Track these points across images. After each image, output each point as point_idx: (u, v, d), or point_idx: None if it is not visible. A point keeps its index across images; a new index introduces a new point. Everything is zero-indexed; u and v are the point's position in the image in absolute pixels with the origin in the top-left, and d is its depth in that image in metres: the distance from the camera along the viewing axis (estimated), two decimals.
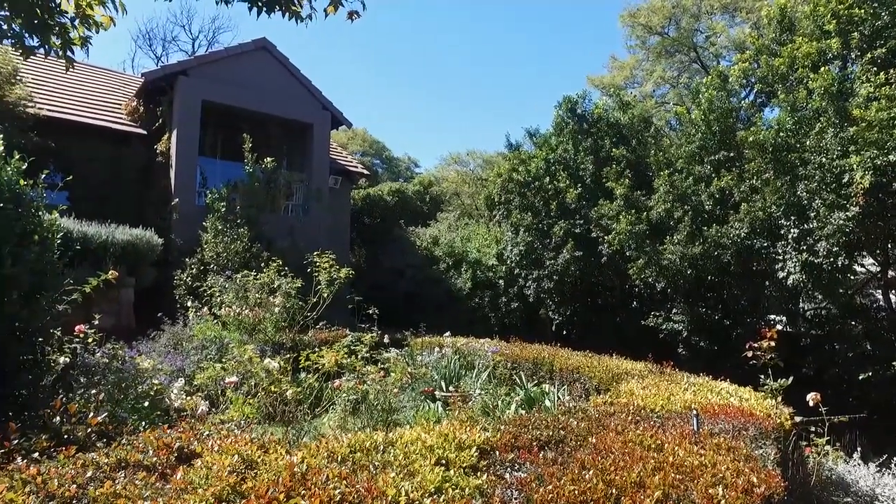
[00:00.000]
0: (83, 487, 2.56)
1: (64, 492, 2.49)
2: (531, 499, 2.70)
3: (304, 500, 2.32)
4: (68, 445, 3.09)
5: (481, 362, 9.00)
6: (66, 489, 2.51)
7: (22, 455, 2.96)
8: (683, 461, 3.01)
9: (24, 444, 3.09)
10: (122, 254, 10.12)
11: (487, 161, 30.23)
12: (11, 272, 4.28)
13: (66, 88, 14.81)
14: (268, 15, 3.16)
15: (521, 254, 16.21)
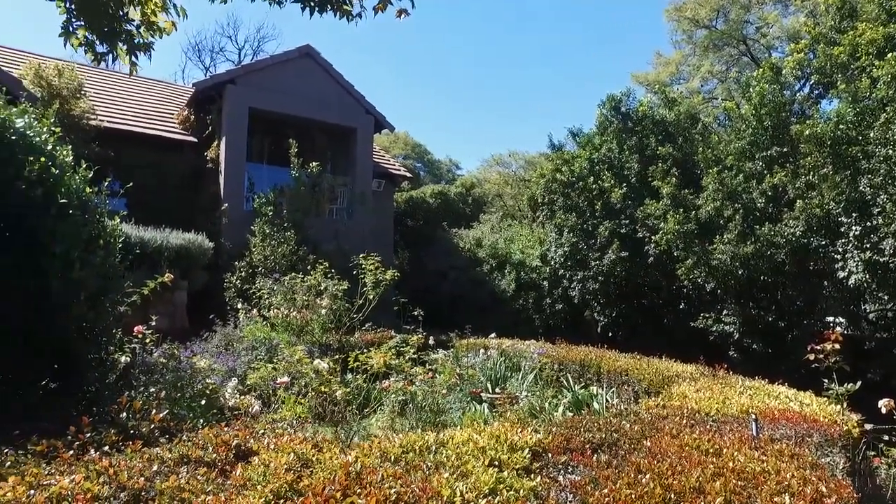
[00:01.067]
0: (150, 480, 2.65)
1: (133, 484, 2.59)
2: (586, 502, 2.66)
3: (360, 499, 2.34)
4: (134, 440, 3.22)
5: (527, 364, 8.93)
6: (136, 481, 2.61)
7: (94, 447, 3.10)
8: (744, 467, 2.91)
9: (96, 437, 3.23)
10: (175, 257, 10.48)
11: (530, 162, 30.02)
12: (80, 275, 4.48)
13: (124, 100, 15.46)
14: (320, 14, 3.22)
15: (566, 255, 16.03)
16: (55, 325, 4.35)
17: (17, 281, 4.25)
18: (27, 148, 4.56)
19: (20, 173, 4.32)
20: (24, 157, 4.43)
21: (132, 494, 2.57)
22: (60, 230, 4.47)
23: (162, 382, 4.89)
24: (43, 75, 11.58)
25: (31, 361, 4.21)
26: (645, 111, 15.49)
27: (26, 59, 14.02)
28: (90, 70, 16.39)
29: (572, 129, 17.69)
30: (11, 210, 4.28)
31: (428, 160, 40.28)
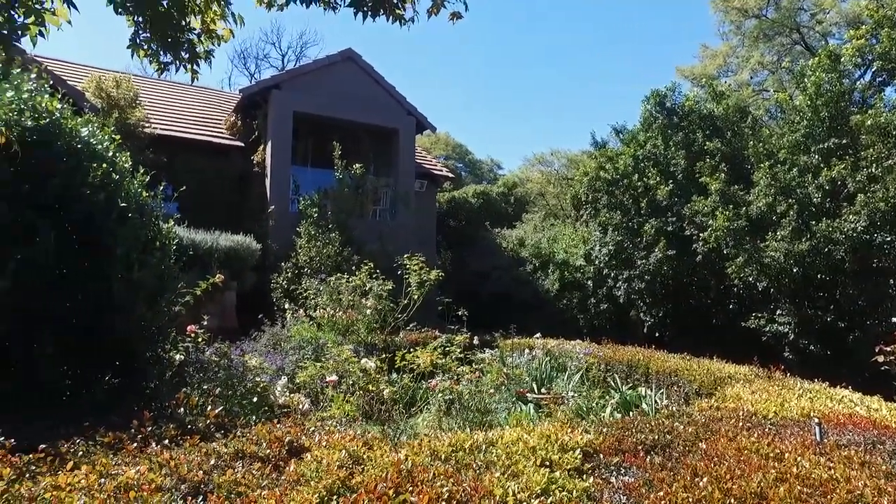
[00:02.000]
0: (208, 473, 2.73)
1: (193, 476, 2.67)
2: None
3: (412, 497, 2.35)
4: (192, 435, 3.32)
5: (573, 364, 8.81)
6: (195, 474, 2.69)
7: (155, 441, 3.22)
8: (810, 473, 2.78)
9: (156, 431, 3.35)
10: (225, 259, 10.79)
11: (572, 160, 29.62)
12: (139, 276, 4.66)
13: (175, 108, 16.01)
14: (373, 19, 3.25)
15: (610, 253, 15.75)
16: (117, 325, 4.53)
17: (84, 282, 4.44)
18: (91, 155, 4.77)
19: (85, 179, 4.52)
20: (88, 164, 4.64)
21: (192, 486, 2.65)
22: (121, 233, 4.65)
23: (215, 380, 5.02)
24: (103, 87, 12.12)
25: (97, 359, 4.40)
26: (691, 106, 15.08)
27: (88, 72, 14.69)
28: (144, 80, 17.06)
29: (616, 126, 17.40)
30: (78, 214, 4.48)
31: (469, 160, 40.27)
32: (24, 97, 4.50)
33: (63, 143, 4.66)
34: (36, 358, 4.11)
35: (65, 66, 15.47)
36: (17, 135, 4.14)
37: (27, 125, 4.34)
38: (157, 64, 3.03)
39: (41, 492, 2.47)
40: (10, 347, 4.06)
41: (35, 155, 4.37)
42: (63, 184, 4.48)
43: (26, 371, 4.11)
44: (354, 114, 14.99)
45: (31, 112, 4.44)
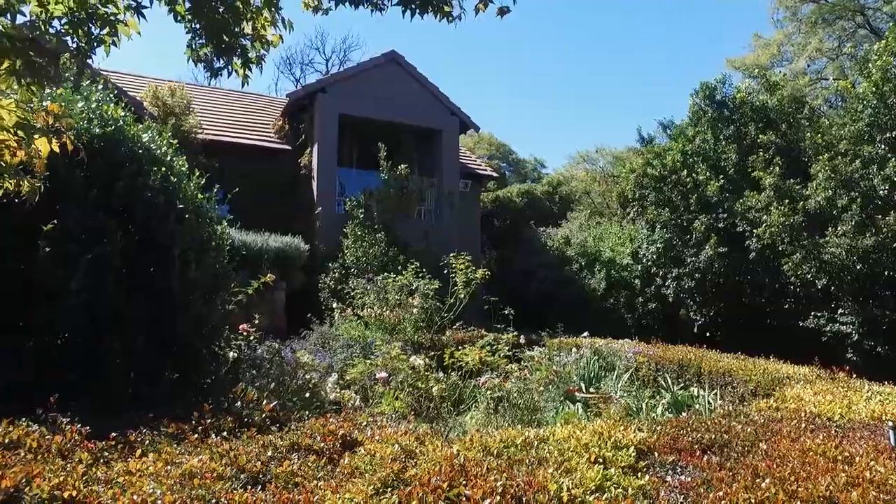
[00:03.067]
0: (266, 464, 2.82)
1: (251, 467, 2.76)
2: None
3: (466, 490, 2.36)
4: (249, 427, 3.43)
5: (621, 364, 8.66)
6: (253, 465, 2.78)
7: (214, 432, 3.34)
8: (885, 479, 2.65)
9: (215, 423, 3.48)
10: (274, 260, 11.06)
11: (617, 157, 29.08)
12: (196, 275, 4.84)
13: (225, 114, 16.53)
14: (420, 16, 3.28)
15: (659, 252, 15.39)
16: (176, 322, 4.71)
17: (146, 281, 4.64)
18: (151, 160, 4.99)
19: (146, 183, 4.72)
20: (149, 168, 4.85)
21: (250, 476, 2.74)
22: (179, 233, 4.84)
23: (268, 376, 5.16)
24: (159, 96, 12.63)
25: (159, 355, 4.58)
26: (743, 98, 14.58)
27: (144, 82, 15.33)
28: (195, 88, 17.68)
29: (663, 121, 17.09)
30: (140, 216, 4.69)
31: (512, 160, 40.08)
32: (93, 107, 4.75)
33: (126, 149, 4.88)
34: (103, 353, 4.32)
35: (123, 77, 16.18)
36: (86, 142, 4.36)
37: (95, 132, 4.58)
38: (210, 69, 3.14)
39: (115, 476, 2.61)
40: (80, 342, 4.28)
41: (102, 160, 4.60)
42: (127, 187, 4.70)
43: (94, 365, 4.32)
44: (398, 115, 15.13)
45: (98, 120, 4.68)
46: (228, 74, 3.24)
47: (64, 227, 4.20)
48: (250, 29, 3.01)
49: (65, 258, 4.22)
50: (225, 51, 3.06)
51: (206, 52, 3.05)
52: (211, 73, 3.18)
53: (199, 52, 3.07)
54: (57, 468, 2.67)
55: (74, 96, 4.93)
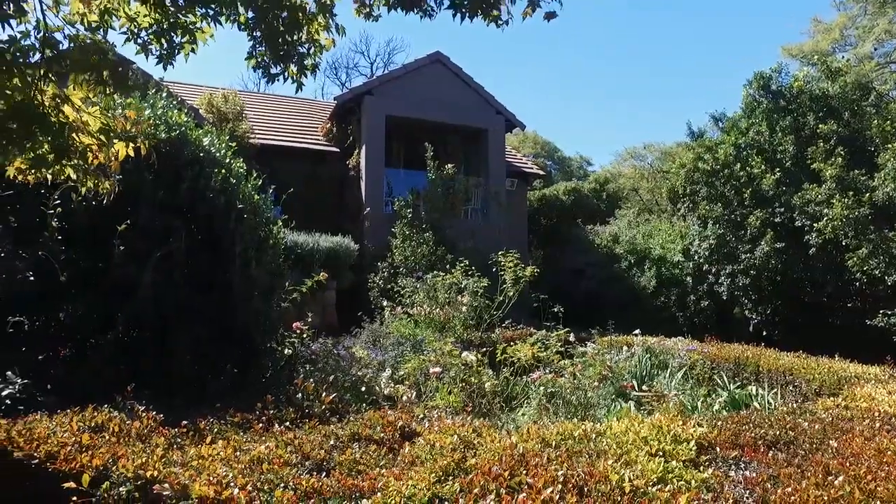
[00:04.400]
0: (329, 452, 2.91)
1: (315, 455, 2.86)
2: (767, 500, 2.48)
3: (528, 478, 2.38)
4: (310, 418, 3.55)
5: (675, 362, 8.48)
6: (317, 453, 2.87)
7: (277, 422, 3.47)
8: None
9: (277, 414, 3.61)
10: (325, 259, 11.32)
11: (666, 153, 28.35)
12: (255, 273, 5.02)
13: (275, 119, 17.00)
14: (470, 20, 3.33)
15: (711, 248, 14.95)
16: (237, 317, 4.91)
17: (208, 278, 4.85)
18: (212, 162, 5.20)
19: (208, 184, 4.93)
20: (210, 170, 5.06)
21: (315, 464, 2.83)
22: (238, 232, 5.03)
23: (324, 371, 5.29)
24: (213, 103, 13.12)
25: (221, 349, 4.78)
26: (801, 86, 14.00)
27: (199, 90, 15.92)
28: (246, 94, 18.25)
29: (714, 114, 16.52)
30: (202, 215, 4.90)
31: (558, 157, 39.65)
32: (158, 113, 4.99)
33: (189, 152, 5.11)
34: (171, 346, 4.53)
35: (180, 86, 16.86)
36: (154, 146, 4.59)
37: (161, 137, 4.81)
38: (268, 75, 3.29)
39: (189, 459, 2.75)
40: (150, 336, 4.50)
41: (167, 163, 4.83)
42: (190, 188, 4.92)
43: (162, 357, 4.54)
44: (444, 115, 15.22)
45: (164, 126, 4.91)
46: (284, 80, 3.37)
47: (135, 227, 4.43)
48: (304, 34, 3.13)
49: (136, 256, 4.45)
50: (282, 57, 3.19)
51: (265, 58, 3.19)
52: (269, 78, 3.32)
53: (259, 59, 3.21)
54: (138, 450, 2.83)
55: (142, 104, 5.19)
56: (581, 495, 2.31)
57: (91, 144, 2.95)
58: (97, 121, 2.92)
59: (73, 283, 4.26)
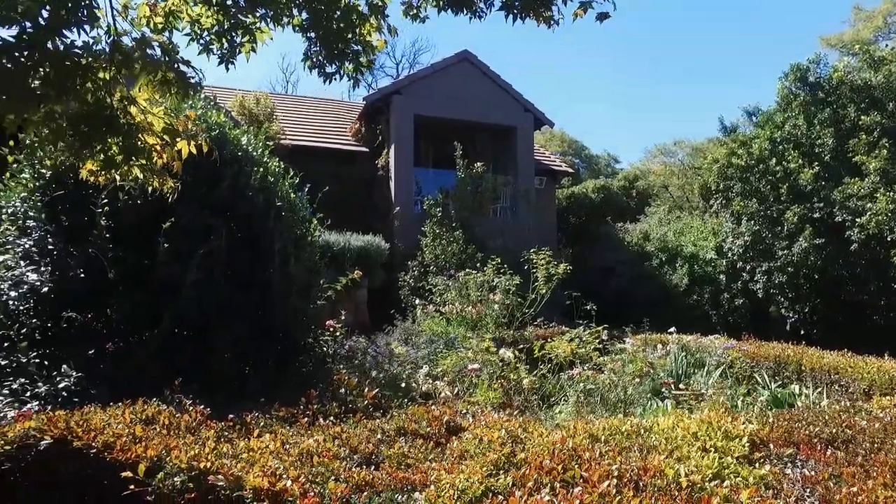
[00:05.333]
0: (377, 446, 2.92)
1: (363, 448, 2.87)
2: (830, 500, 2.40)
3: (582, 472, 2.35)
4: (354, 413, 3.56)
5: (711, 360, 8.32)
6: (365, 446, 2.88)
7: (322, 417, 3.49)
8: None
9: (321, 409, 3.64)
10: (356, 258, 11.39)
11: (697, 149, 27.86)
12: (294, 270, 5.07)
13: (304, 120, 17.19)
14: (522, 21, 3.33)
15: (746, 245, 14.63)
16: (276, 313, 4.96)
17: (248, 275, 4.91)
18: (250, 161, 5.27)
19: (248, 183, 5.00)
20: (249, 169, 5.13)
21: (363, 457, 2.84)
22: (278, 229, 5.09)
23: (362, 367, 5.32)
24: (245, 105, 13.32)
25: (261, 344, 4.84)
26: (841, 77, 13.59)
27: (231, 93, 16.18)
28: (276, 96, 18.48)
29: (747, 109, 16.21)
30: (241, 213, 4.97)
31: (585, 156, 39.28)
32: (199, 113, 5.07)
33: (228, 152, 5.18)
34: (213, 341, 4.61)
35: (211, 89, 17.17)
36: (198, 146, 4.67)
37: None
38: (323, 74, 3.34)
39: (239, 452, 2.78)
40: (193, 331, 4.58)
41: (208, 163, 4.91)
42: (230, 187, 4.99)
43: (205, 352, 4.61)
44: (472, 113, 15.20)
45: (204, 126, 4.99)
46: (340, 78, 3.41)
47: (178, 225, 4.51)
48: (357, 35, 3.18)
49: (179, 254, 4.53)
50: (337, 56, 3.24)
51: (320, 58, 3.24)
52: (324, 77, 3.37)
53: (314, 59, 3.26)
54: (190, 442, 2.88)
55: (181, 105, 5.28)
56: (637, 490, 2.27)
57: (155, 144, 3.04)
58: (160, 121, 3.00)
59: (120, 281, 4.37)
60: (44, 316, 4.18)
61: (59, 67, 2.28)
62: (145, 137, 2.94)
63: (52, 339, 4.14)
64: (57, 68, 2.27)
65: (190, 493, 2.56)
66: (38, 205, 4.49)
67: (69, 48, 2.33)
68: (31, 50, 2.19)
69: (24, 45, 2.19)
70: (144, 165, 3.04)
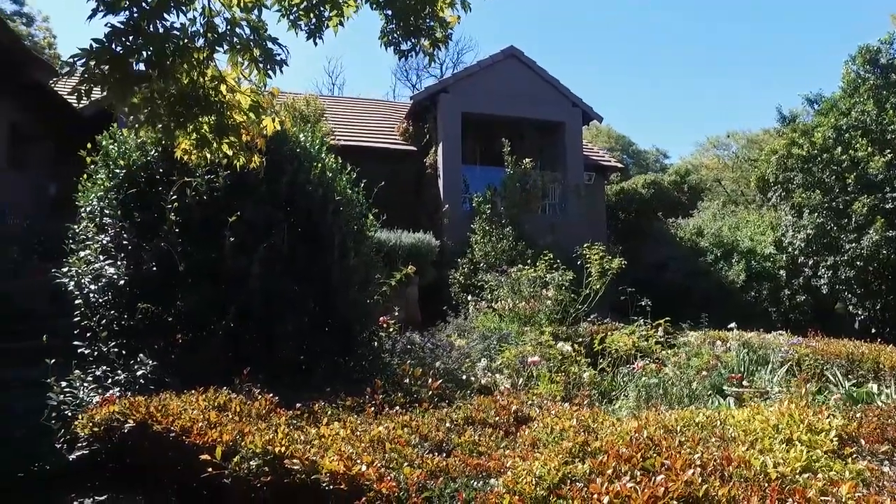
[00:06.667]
0: (447, 434, 2.91)
1: (433, 436, 2.86)
2: None
3: (663, 460, 2.28)
4: (419, 403, 3.57)
5: (775, 357, 7.99)
6: (435, 434, 2.88)
7: (388, 406, 3.51)
8: None
9: (386, 399, 3.66)
10: (407, 255, 11.45)
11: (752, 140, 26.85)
12: (353, 263, 5.13)
13: (352, 120, 17.43)
14: None
15: (808, 238, 14.01)
16: (337, 305, 5.03)
17: (308, 268, 5.00)
18: (308, 157, 5.37)
19: (307, 178, 5.09)
20: (308, 165, 5.22)
21: (434, 444, 2.84)
22: (337, 223, 5.16)
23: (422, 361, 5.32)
24: (296, 107, 13.61)
25: (322, 335, 4.92)
26: None
27: (282, 96, 16.57)
28: (324, 98, 18.81)
29: (808, 96, 15.45)
30: (301, 208, 5.06)
31: (633, 151, 38.48)
32: None
33: (288, 149, 5.29)
34: (276, 332, 4.70)
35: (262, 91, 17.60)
36: None
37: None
38: (398, 52, 3.37)
39: (311, 438, 2.82)
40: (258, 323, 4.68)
41: (269, 159, 5.02)
42: (290, 182, 5.09)
43: (269, 343, 4.71)
44: (520, 109, 15.09)
45: None
46: (415, 55, 3.44)
47: (243, 220, 4.63)
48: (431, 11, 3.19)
49: (244, 248, 4.65)
50: (413, 33, 3.26)
51: (396, 36, 3.27)
52: (399, 55, 3.41)
53: (390, 37, 3.29)
54: (262, 428, 2.94)
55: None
56: (723, 479, 2.19)
57: (243, 121, 3.14)
58: (247, 99, 3.10)
59: (189, 274, 4.51)
60: (120, 308, 4.37)
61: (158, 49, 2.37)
62: (234, 115, 3.03)
63: (128, 329, 4.31)
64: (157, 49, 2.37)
65: (266, 476, 2.61)
66: (114, 203, 4.69)
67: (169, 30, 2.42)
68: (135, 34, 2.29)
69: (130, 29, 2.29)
70: (233, 142, 3.14)
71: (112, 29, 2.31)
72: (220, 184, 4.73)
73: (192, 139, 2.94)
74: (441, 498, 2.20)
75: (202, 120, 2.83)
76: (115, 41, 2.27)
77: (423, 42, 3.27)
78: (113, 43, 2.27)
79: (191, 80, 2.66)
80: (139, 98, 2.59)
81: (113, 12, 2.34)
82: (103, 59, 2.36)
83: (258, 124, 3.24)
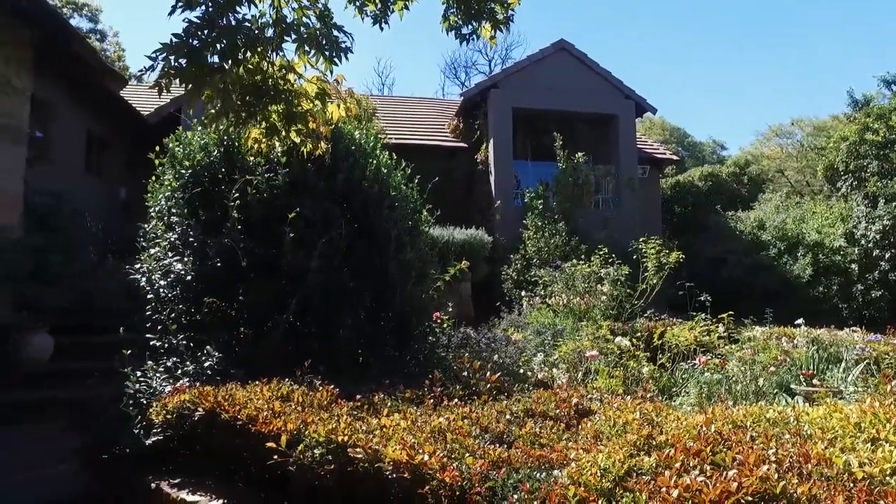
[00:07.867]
0: (507, 426, 2.90)
1: (494, 428, 2.86)
2: None
3: (735, 454, 2.20)
4: (478, 395, 3.57)
5: (849, 355, 7.59)
6: (495, 426, 2.87)
7: (447, 398, 3.52)
8: None
9: (445, 391, 3.67)
10: (460, 251, 11.48)
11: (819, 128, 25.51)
12: (409, 258, 5.18)
13: (403, 118, 17.59)
14: None
15: (884, 230, 13.22)
16: (394, 299, 5.09)
17: (365, 263, 5.08)
18: (364, 153, 5.45)
19: (363, 174, 5.17)
20: (363, 161, 5.30)
21: (495, 436, 2.83)
22: (392, 219, 5.22)
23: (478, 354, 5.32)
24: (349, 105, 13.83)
25: (379, 328, 4.99)
26: None
27: None
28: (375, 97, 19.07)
29: (885, 77, 14.54)
30: (357, 204, 5.14)
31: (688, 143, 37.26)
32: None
33: (343, 146, 5.38)
34: (335, 326, 4.79)
35: None
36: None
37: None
38: (459, 36, 3.40)
39: (372, 428, 2.86)
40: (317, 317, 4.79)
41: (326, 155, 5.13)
42: (346, 179, 5.18)
43: (328, 336, 4.81)
44: (571, 103, 14.87)
45: None
46: (477, 38, 3.47)
47: (302, 216, 4.74)
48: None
49: (303, 243, 4.77)
50: (474, 16, 3.28)
51: (458, 19, 3.30)
52: (460, 39, 3.45)
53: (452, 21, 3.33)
54: (325, 418, 3.00)
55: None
56: (801, 477, 2.08)
57: (310, 109, 3.23)
58: (314, 87, 3.19)
59: (251, 269, 4.65)
60: (188, 302, 4.56)
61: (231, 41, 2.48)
62: (301, 103, 3.12)
63: (195, 323, 4.50)
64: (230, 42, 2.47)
65: (329, 464, 2.66)
66: (180, 202, 4.89)
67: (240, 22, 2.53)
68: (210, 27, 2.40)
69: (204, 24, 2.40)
70: (300, 130, 3.23)
71: (189, 24, 2.42)
72: (279, 182, 4.86)
73: (261, 128, 3.04)
74: (504, 488, 2.19)
75: (272, 108, 2.94)
76: (192, 35, 2.38)
77: (484, 25, 3.27)
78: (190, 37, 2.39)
79: (261, 70, 2.75)
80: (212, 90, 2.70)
81: (190, 8, 2.46)
82: (181, 52, 2.49)
83: (324, 112, 3.31)
